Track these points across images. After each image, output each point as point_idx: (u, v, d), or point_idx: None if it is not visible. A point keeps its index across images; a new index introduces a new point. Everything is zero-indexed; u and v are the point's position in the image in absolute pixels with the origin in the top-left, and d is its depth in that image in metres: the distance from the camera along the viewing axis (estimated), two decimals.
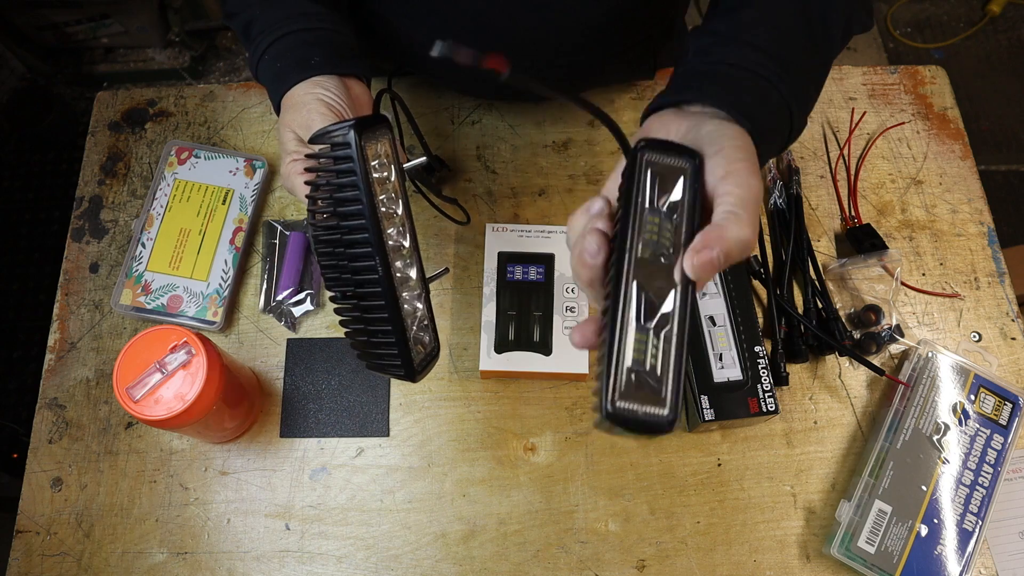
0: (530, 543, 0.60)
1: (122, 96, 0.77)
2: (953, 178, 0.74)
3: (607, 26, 0.62)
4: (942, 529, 0.59)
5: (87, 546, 0.60)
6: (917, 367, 0.63)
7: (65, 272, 0.69)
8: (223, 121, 0.76)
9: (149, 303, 0.66)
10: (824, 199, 0.73)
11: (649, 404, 0.34)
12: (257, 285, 0.68)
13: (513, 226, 0.67)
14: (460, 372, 0.66)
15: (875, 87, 0.78)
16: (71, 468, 0.63)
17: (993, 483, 0.60)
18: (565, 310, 0.64)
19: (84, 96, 1.82)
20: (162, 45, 1.81)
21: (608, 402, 0.33)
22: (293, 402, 0.65)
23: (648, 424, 0.34)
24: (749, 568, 0.60)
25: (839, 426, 0.64)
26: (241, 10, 0.56)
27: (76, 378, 0.65)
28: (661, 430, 0.34)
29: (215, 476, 0.62)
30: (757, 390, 0.60)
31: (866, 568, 0.58)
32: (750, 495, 0.62)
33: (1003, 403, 0.62)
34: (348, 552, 0.60)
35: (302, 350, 0.66)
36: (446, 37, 0.32)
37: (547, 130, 0.75)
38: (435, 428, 0.64)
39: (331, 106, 0.49)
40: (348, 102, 0.50)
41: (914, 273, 0.70)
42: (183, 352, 0.53)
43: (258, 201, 0.71)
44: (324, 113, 0.48)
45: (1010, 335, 0.68)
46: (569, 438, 0.64)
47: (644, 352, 0.35)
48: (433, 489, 0.62)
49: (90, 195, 0.72)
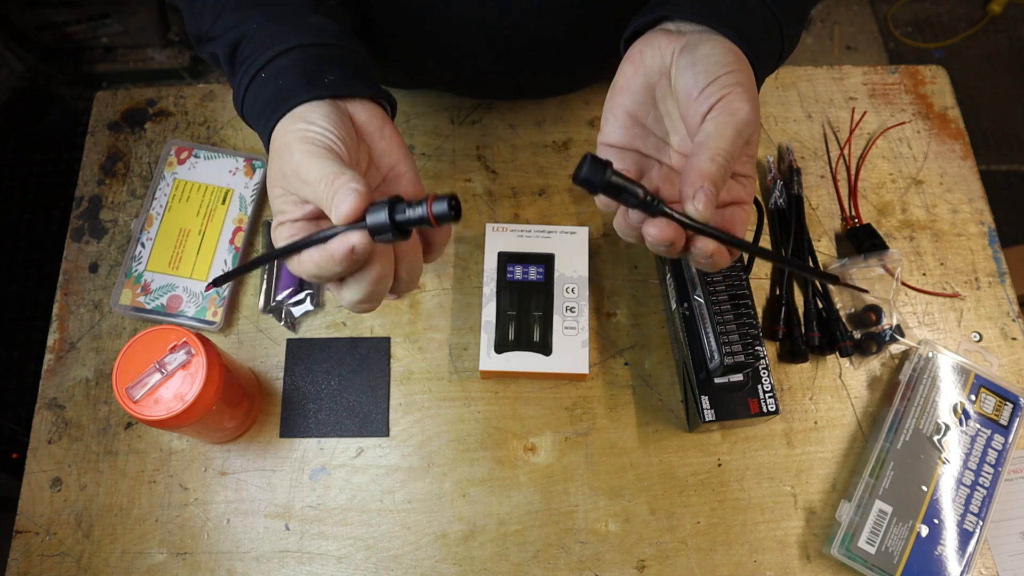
0: (530, 543, 0.60)
1: (122, 96, 0.77)
2: (954, 178, 0.74)
3: (588, 18, 0.60)
4: (943, 529, 0.59)
5: (86, 546, 0.60)
6: (917, 367, 0.63)
7: (64, 272, 0.69)
8: (223, 121, 0.75)
9: (149, 303, 0.66)
10: (824, 199, 0.73)
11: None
12: (257, 285, 0.68)
13: (513, 226, 0.67)
14: (460, 372, 0.65)
15: (875, 87, 0.78)
16: (70, 468, 0.63)
17: (994, 483, 0.60)
18: (565, 310, 0.64)
19: (83, 96, 1.81)
20: (162, 45, 1.81)
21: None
22: (293, 402, 0.65)
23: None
24: (749, 568, 0.60)
25: (839, 426, 0.64)
26: (226, 30, 0.46)
27: (75, 378, 0.65)
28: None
29: (215, 476, 0.62)
30: (757, 391, 0.60)
31: (866, 568, 0.58)
32: (750, 495, 0.62)
33: (1004, 403, 0.62)
34: (348, 552, 0.60)
35: (302, 350, 0.66)
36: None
37: (547, 130, 0.75)
38: (435, 428, 0.64)
39: (317, 142, 0.39)
40: (343, 133, 0.40)
41: (914, 273, 0.70)
42: (183, 352, 0.53)
43: (258, 201, 0.71)
44: (310, 152, 0.38)
45: (1011, 335, 0.68)
46: (569, 438, 0.64)
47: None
48: (433, 489, 0.62)
49: (89, 195, 0.72)
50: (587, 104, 0.76)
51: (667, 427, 0.64)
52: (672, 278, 0.64)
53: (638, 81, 0.44)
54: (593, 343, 0.66)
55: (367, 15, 0.58)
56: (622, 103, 0.44)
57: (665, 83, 0.43)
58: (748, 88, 0.40)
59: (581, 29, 0.60)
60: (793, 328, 0.66)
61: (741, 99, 0.39)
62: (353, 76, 0.43)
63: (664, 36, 0.43)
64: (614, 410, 0.64)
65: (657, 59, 0.43)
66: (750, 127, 0.39)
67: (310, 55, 0.43)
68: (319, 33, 0.44)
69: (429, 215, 0.35)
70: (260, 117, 0.43)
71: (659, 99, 0.44)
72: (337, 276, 0.39)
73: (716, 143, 0.38)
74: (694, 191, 0.37)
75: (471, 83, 0.70)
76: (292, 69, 0.42)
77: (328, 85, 0.42)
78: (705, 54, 0.40)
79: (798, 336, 0.66)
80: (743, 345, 0.58)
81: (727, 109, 0.39)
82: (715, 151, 0.38)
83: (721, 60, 0.40)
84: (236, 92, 0.45)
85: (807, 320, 0.66)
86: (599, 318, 0.67)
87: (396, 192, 0.44)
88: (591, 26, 0.60)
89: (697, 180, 0.37)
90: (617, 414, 0.64)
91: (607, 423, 0.64)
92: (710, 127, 0.39)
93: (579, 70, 0.69)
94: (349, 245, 0.36)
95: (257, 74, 0.43)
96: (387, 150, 0.44)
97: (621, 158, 0.44)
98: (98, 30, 1.74)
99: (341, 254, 0.36)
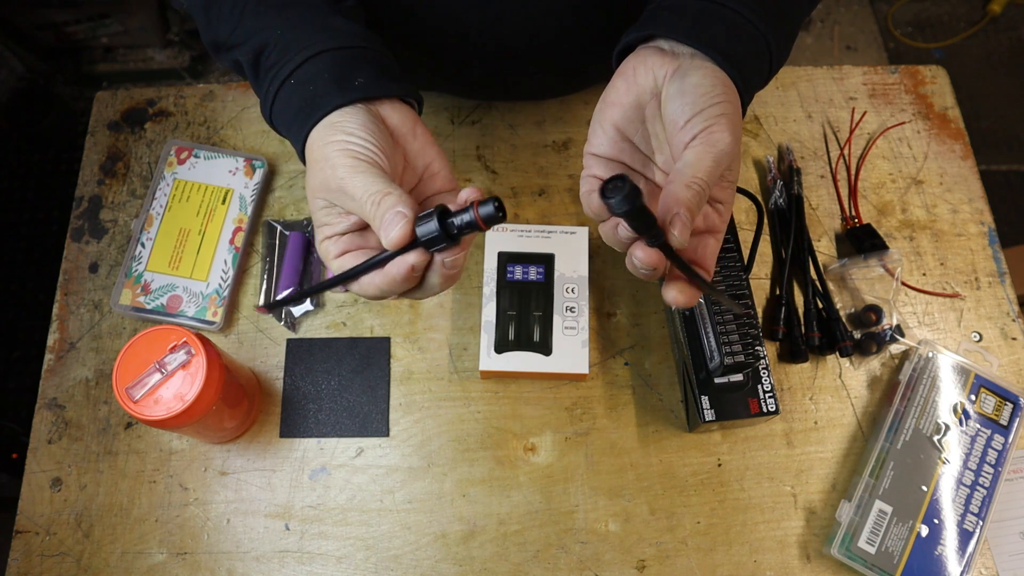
0: (530, 543, 0.60)
1: (121, 96, 0.77)
2: (954, 178, 0.74)
3: (586, 21, 0.60)
4: (943, 529, 0.59)
5: (86, 546, 0.60)
6: (917, 367, 0.63)
7: (64, 272, 0.69)
8: (223, 121, 0.75)
9: (149, 303, 0.66)
10: (824, 199, 0.73)
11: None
12: (257, 285, 0.68)
13: (513, 226, 0.67)
14: (460, 372, 0.65)
15: (875, 87, 0.78)
16: (70, 468, 0.63)
17: (994, 483, 0.60)
18: (565, 310, 0.64)
19: (83, 96, 1.81)
20: (162, 45, 1.81)
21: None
22: (293, 402, 0.65)
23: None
24: (749, 568, 0.60)
25: (839, 426, 0.64)
26: (248, 36, 0.45)
27: (75, 378, 0.65)
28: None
29: (215, 476, 0.62)
30: (757, 391, 0.59)
31: (866, 568, 0.58)
32: (750, 495, 0.62)
33: (1004, 403, 0.62)
34: (348, 552, 0.60)
35: (302, 350, 0.66)
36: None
37: (547, 130, 0.75)
38: (435, 428, 0.64)
39: (359, 155, 0.39)
40: (382, 142, 0.41)
41: (914, 273, 0.70)
42: (183, 352, 0.53)
43: (258, 201, 0.71)
44: (354, 168, 0.39)
45: (1011, 335, 0.68)
46: (569, 438, 0.64)
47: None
48: (433, 489, 0.62)
49: (89, 195, 0.72)
50: (587, 104, 0.76)
51: (667, 427, 0.64)
52: None
53: (629, 98, 0.44)
54: (593, 343, 0.66)
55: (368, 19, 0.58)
56: (611, 117, 0.44)
57: (655, 105, 0.44)
58: (732, 119, 0.41)
59: (580, 31, 0.60)
60: (793, 328, 0.66)
61: (723, 130, 0.40)
62: (381, 76, 0.43)
63: (657, 56, 0.43)
64: (614, 410, 0.64)
65: (650, 79, 0.43)
66: (729, 157, 0.40)
67: (338, 58, 0.43)
68: (345, 36, 0.44)
69: (477, 219, 0.37)
70: (292, 124, 0.43)
71: (648, 118, 0.44)
72: (401, 292, 0.41)
73: (693, 171, 0.39)
74: (671, 217, 0.38)
75: (471, 85, 0.70)
76: (322, 74, 0.42)
77: (359, 88, 0.42)
78: (695, 84, 0.41)
79: (798, 336, 0.66)
80: (743, 345, 0.58)
81: (708, 140, 0.40)
82: (692, 179, 0.39)
83: (709, 92, 0.41)
84: (264, 100, 0.45)
85: (807, 320, 0.66)
86: (599, 318, 0.67)
87: (432, 190, 0.45)
88: (590, 28, 0.60)
89: (674, 206, 0.38)
90: (617, 414, 0.64)
91: (607, 423, 0.64)
92: (689, 155, 0.40)
93: (578, 72, 0.69)
94: (408, 265, 0.38)
95: (286, 80, 0.43)
96: (420, 150, 0.45)
97: (608, 169, 0.45)
98: (98, 30, 1.74)
99: (403, 275, 0.38)
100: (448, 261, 0.39)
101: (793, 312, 0.67)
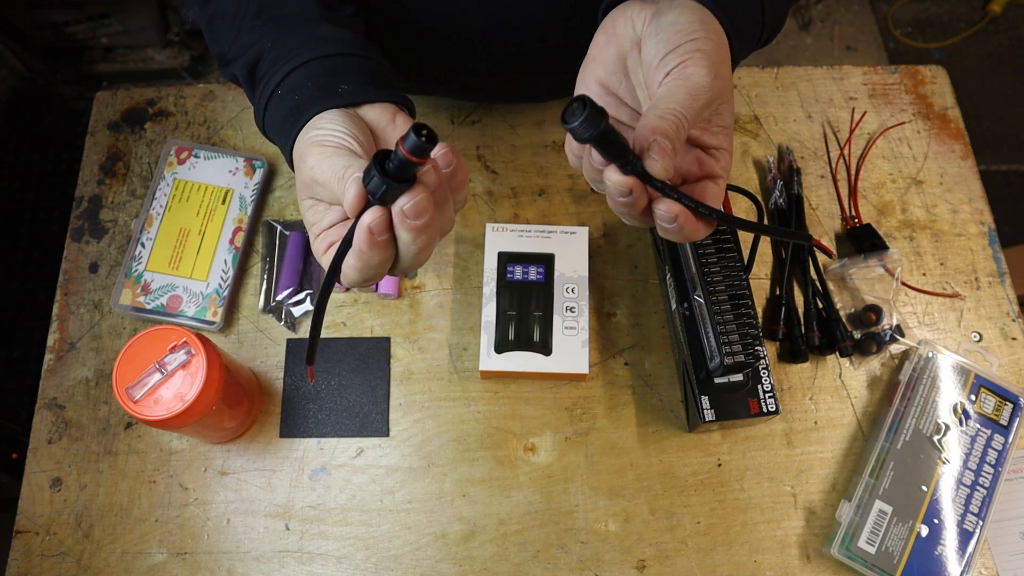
0: (530, 543, 0.60)
1: (121, 96, 0.77)
2: (954, 178, 0.74)
3: (586, 23, 0.60)
4: (943, 529, 0.59)
5: (86, 546, 0.60)
6: (917, 367, 0.63)
7: (64, 272, 0.69)
8: (223, 121, 0.75)
9: (149, 303, 0.66)
10: (824, 199, 0.73)
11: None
12: (257, 285, 0.68)
13: (513, 226, 0.67)
14: (460, 372, 0.65)
15: (875, 87, 0.78)
16: (70, 468, 0.63)
17: (994, 483, 0.60)
18: (565, 310, 0.64)
19: (83, 96, 1.81)
20: (162, 45, 1.81)
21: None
22: (293, 402, 0.65)
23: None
24: (749, 568, 0.60)
25: (839, 426, 0.64)
26: (244, 50, 0.45)
27: (75, 378, 0.65)
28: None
29: (215, 476, 0.62)
30: (757, 391, 0.59)
31: (866, 568, 0.58)
32: (750, 495, 0.62)
33: (1004, 403, 0.62)
34: (348, 552, 0.60)
35: (302, 350, 0.66)
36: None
37: (547, 130, 0.75)
38: (435, 428, 0.64)
39: (327, 143, 0.39)
40: (353, 129, 0.40)
41: (914, 273, 0.70)
42: (183, 352, 0.53)
43: (258, 201, 0.71)
44: (321, 154, 0.38)
45: (1011, 335, 0.68)
46: (569, 438, 0.64)
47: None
48: (433, 489, 0.62)
49: (89, 195, 0.72)
50: None
51: (667, 427, 0.64)
52: (672, 278, 0.64)
53: (610, 51, 0.43)
54: (593, 343, 0.66)
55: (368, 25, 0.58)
56: (594, 73, 0.44)
57: (636, 53, 0.42)
58: (710, 55, 0.38)
59: (579, 34, 0.60)
60: (793, 328, 0.66)
61: (697, 64, 0.38)
62: (367, 83, 0.43)
63: (637, 5, 0.42)
64: (614, 410, 0.64)
65: (629, 28, 0.42)
66: (708, 92, 0.38)
67: (324, 67, 0.43)
68: (333, 44, 0.44)
69: (405, 154, 0.33)
70: (280, 133, 0.43)
71: (631, 69, 0.43)
72: (384, 264, 0.38)
73: (665, 103, 0.37)
74: (647, 145, 0.36)
75: (471, 88, 0.70)
76: (307, 83, 0.42)
77: (343, 95, 0.41)
78: (670, 21, 0.39)
79: (798, 336, 0.66)
80: (743, 345, 0.58)
81: (681, 74, 0.38)
82: (663, 110, 0.36)
83: (685, 28, 0.39)
84: (256, 111, 0.45)
85: (807, 320, 0.66)
86: (599, 318, 0.67)
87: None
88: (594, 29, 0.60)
89: (648, 135, 0.36)
90: (617, 414, 0.64)
91: (607, 423, 0.64)
92: (661, 91, 0.38)
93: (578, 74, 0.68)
94: (365, 229, 0.35)
95: (274, 91, 0.43)
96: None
97: None
98: (98, 30, 1.74)
99: (366, 241, 0.36)
100: (407, 208, 0.35)
101: (793, 312, 0.67)
